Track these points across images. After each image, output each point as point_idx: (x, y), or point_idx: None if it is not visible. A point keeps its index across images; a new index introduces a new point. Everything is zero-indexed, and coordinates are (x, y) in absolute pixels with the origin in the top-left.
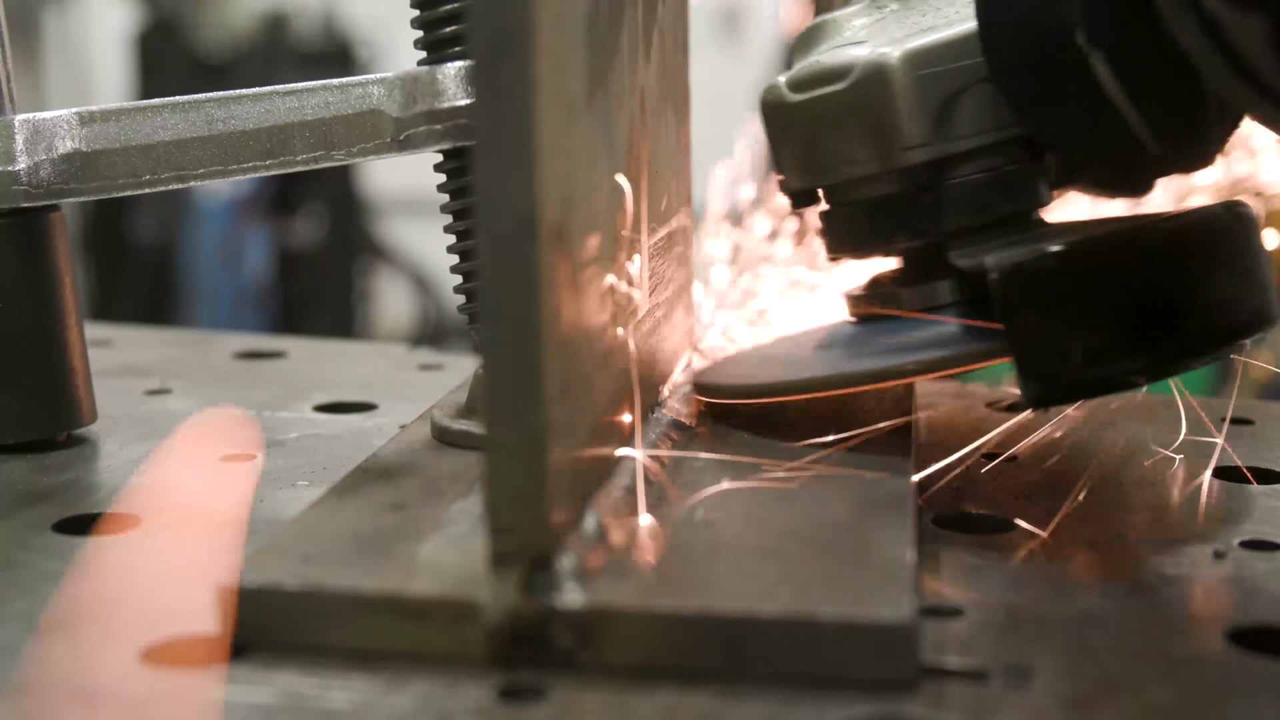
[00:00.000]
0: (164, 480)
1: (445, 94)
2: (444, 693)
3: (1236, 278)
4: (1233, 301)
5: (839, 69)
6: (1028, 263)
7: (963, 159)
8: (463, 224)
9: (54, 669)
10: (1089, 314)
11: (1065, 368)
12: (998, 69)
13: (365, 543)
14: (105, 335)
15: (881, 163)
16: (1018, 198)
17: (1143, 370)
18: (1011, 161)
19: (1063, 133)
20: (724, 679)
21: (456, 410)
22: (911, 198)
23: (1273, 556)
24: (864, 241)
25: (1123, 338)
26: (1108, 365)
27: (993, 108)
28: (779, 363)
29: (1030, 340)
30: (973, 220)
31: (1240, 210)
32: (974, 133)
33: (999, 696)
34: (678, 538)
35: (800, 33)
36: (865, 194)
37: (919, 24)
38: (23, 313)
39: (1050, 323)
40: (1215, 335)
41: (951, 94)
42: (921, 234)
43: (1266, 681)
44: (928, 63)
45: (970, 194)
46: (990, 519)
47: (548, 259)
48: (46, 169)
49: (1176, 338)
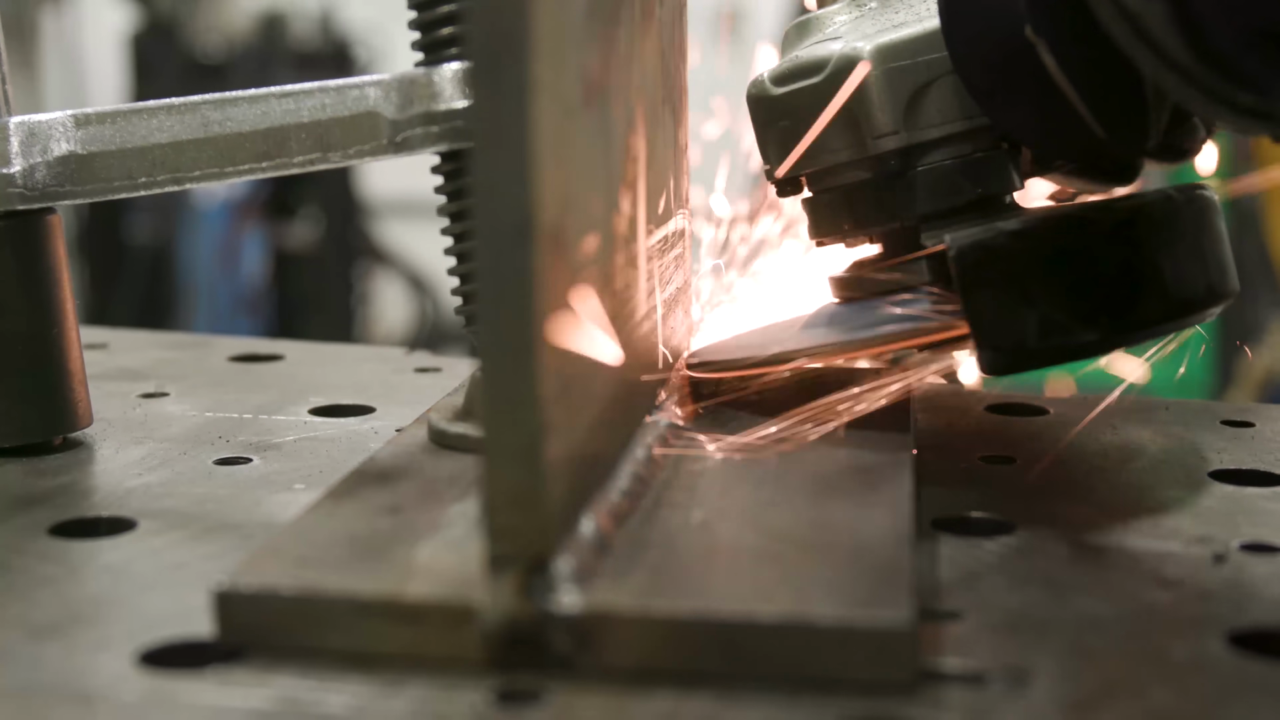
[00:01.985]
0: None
1: (442, 96)
2: (441, 696)
3: (1189, 256)
4: (1185, 278)
5: (816, 63)
6: (983, 240)
7: (932, 146)
8: (460, 226)
9: (49, 672)
10: (1042, 286)
11: (1019, 338)
12: (959, 62)
13: (362, 546)
14: (101, 338)
15: (856, 150)
16: (985, 182)
17: (1095, 342)
18: (979, 149)
19: (1019, 121)
20: (722, 682)
21: (453, 413)
22: (885, 183)
23: (1272, 559)
24: (843, 226)
25: (1074, 310)
26: (1060, 336)
27: (959, 98)
28: (774, 340)
29: (984, 311)
30: (942, 204)
31: (1196, 193)
32: (942, 121)
33: (997, 700)
34: (675, 540)
35: (786, 30)
36: (842, 180)
37: (893, 20)
38: (18, 316)
39: (1003, 295)
40: (1166, 309)
41: (920, 86)
42: (895, 218)
43: (1266, 684)
44: (897, 56)
45: (939, 179)
46: (989, 521)
47: (545, 261)
48: (42, 171)
49: (1127, 311)
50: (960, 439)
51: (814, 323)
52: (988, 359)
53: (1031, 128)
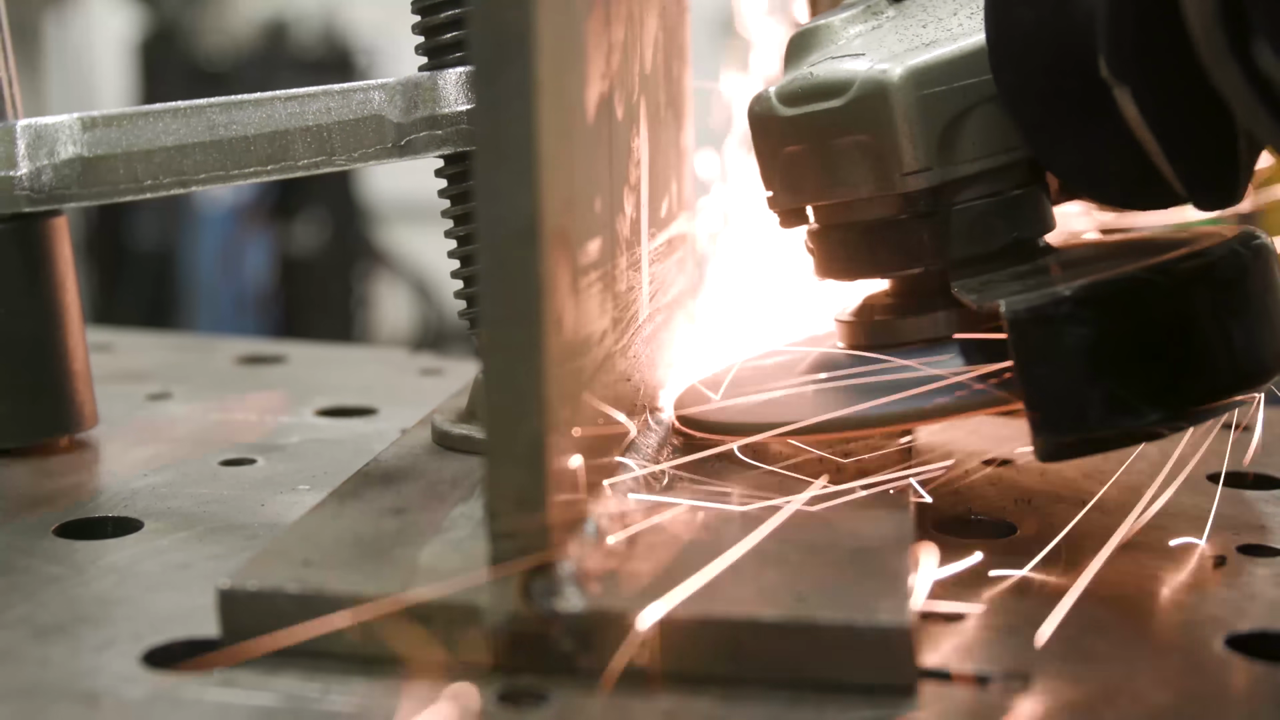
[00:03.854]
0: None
1: (446, 100)
2: (444, 697)
3: (1258, 318)
4: (1254, 343)
5: (836, 84)
6: (1042, 308)
7: (966, 184)
8: (463, 229)
9: (55, 672)
10: (1109, 361)
11: (1083, 420)
12: (1007, 91)
13: (366, 547)
14: (106, 340)
15: (879, 186)
16: (1023, 225)
17: (1163, 420)
18: (1016, 185)
19: (1076, 163)
20: (724, 683)
21: (457, 415)
22: (911, 224)
23: (1272, 562)
24: (857, 266)
25: (1144, 386)
26: (1129, 416)
27: (999, 129)
28: (771, 398)
29: (1045, 390)
30: (978, 249)
31: (1257, 244)
32: (977, 156)
33: (998, 701)
34: (678, 542)
35: (790, 38)
36: (860, 217)
37: (920, 36)
38: (25, 318)
39: (1067, 370)
40: (1238, 379)
41: (957, 115)
42: (921, 262)
43: (1265, 686)
44: (931, 81)
45: (974, 222)
46: (990, 524)
47: (549, 263)
48: (48, 174)
49: (1198, 384)
50: (961, 440)
51: (822, 380)
52: (1049, 445)
53: (1092, 175)
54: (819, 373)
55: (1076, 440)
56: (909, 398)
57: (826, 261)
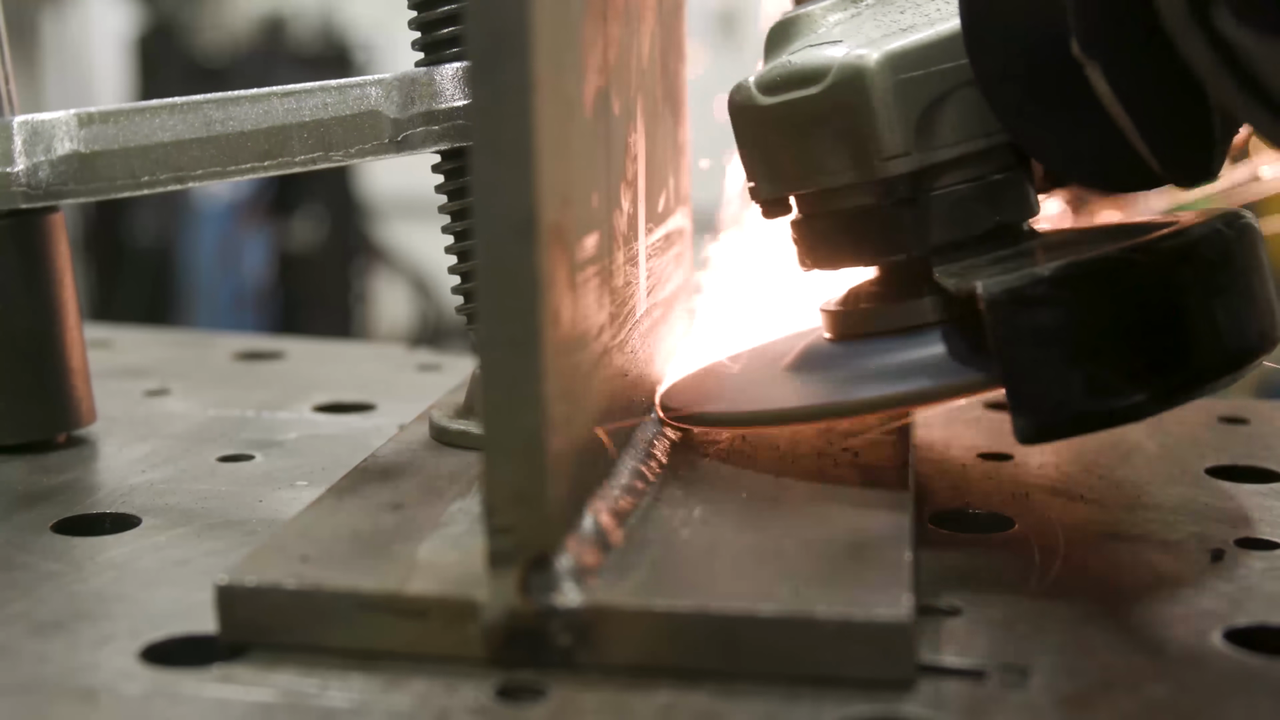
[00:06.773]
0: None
1: (443, 95)
2: (442, 692)
3: (1242, 298)
4: (1238, 323)
5: (813, 71)
6: (1020, 288)
7: (946, 168)
8: (461, 224)
9: (53, 668)
10: (1088, 342)
11: (1065, 401)
12: (984, 74)
13: (364, 543)
14: (104, 336)
15: (859, 173)
16: (1005, 210)
17: (1147, 401)
18: (998, 170)
19: (1055, 146)
20: (722, 678)
21: (455, 410)
22: (892, 210)
23: (1269, 555)
24: (840, 255)
25: (1125, 367)
26: (1110, 397)
27: (978, 113)
28: (757, 387)
29: (1025, 372)
30: (959, 234)
31: (1242, 223)
32: (957, 140)
33: (996, 695)
34: (675, 537)
35: (771, 28)
36: (841, 205)
37: (898, 22)
38: (22, 314)
39: (1047, 352)
40: (1222, 361)
41: (934, 99)
42: (903, 249)
43: (1263, 680)
44: (909, 65)
45: (954, 206)
46: (988, 517)
47: (546, 258)
48: (45, 170)
49: (1182, 365)
50: (959, 435)
51: (810, 365)
52: (1028, 426)
53: (1069, 155)
54: (805, 362)
55: (1056, 422)
56: (890, 383)
57: (811, 251)
